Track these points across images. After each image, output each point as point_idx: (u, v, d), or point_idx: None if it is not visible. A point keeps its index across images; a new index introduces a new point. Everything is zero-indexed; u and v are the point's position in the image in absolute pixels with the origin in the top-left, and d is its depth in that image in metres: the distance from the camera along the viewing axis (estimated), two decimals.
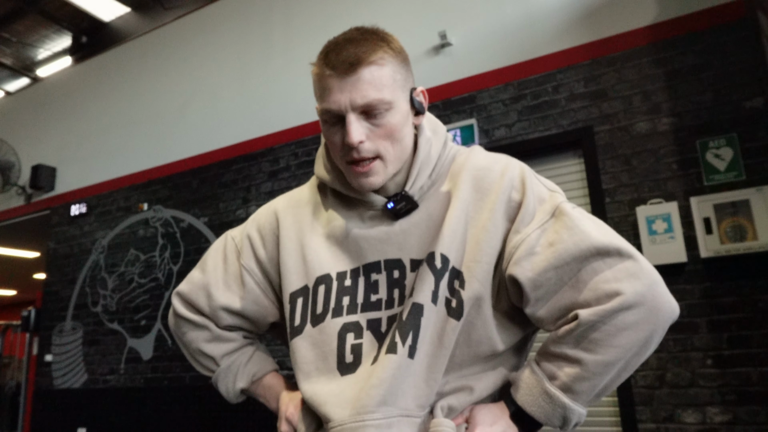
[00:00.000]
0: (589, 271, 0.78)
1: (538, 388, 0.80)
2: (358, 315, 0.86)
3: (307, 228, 0.95)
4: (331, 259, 0.90)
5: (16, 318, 6.06)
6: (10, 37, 6.18)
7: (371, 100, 0.81)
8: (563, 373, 0.79)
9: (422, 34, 3.66)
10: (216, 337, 0.98)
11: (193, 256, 4.37)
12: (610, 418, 2.76)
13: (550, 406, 0.79)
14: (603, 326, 0.75)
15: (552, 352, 0.80)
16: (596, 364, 0.77)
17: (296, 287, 0.91)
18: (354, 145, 0.81)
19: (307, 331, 0.87)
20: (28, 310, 5.41)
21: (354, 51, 0.82)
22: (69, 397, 4.82)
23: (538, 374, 0.81)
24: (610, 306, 0.75)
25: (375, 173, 0.85)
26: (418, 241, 0.87)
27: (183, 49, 5.07)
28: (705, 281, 2.60)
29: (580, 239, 0.78)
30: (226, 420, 3.86)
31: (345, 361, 0.84)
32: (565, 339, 0.78)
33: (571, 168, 3.13)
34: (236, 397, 1.00)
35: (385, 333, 0.85)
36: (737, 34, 2.75)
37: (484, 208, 0.85)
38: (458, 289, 0.82)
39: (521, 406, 0.81)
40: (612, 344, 0.76)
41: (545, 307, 0.80)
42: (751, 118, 2.64)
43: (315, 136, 4.02)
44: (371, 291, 0.87)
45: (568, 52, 3.18)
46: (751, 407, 2.42)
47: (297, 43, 4.34)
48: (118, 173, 5.10)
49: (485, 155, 0.93)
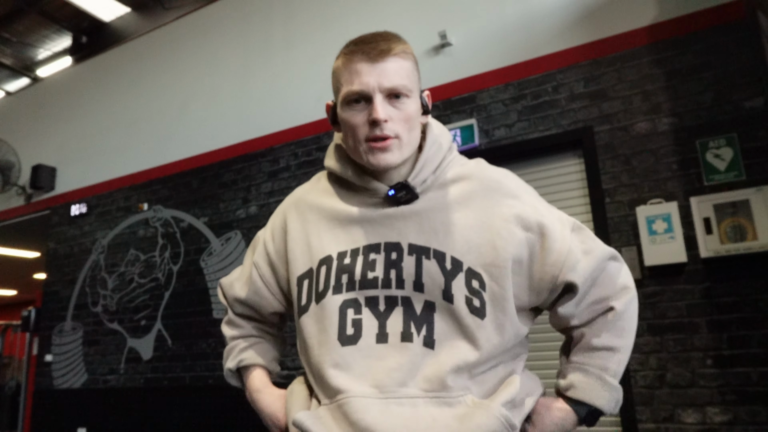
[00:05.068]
0: (608, 271, 0.95)
1: (599, 383, 0.92)
2: (356, 292, 0.91)
3: (311, 216, 1.01)
4: (333, 240, 0.96)
5: (16, 318, 6.06)
6: (10, 37, 6.18)
7: (397, 85, 0.90)
8: (611, 362, 0.93)
9: (422, 34, 3.66)
10: (229, 321, 1.12)
11: (193, 256, 4.37)
12: (610, 418, 2.76)
13: (611, 394, 0.92)
14: (625, 314, 0.94)
15: (596, 346, 0.93)
16: (628, 348, 0.94)
17: (302, 271, 0.97)
18: (380, 121, 0.89)
19: (312, 308, 0.93)
20: (28, 310, 5.41)
21: (383, 42, 0.92)
22: (69, 397, 4.82)
23: (593, 371, 0.93)
24: (627, 297, 0.95)
25: (392, 150, 0.91)
26: (417, 228, 0.92)
27: (183, 49, 5.07)
28: (705, 281, 2.60)
29: (601, 247, 0.96)
30: (226, 420, 3.86)
31: (346, 333, 0.89)
32: (604, 331, 0.93)
33: (571, 168, 3.13)
34: (228, 376, 1.09)
35: (383, 312, 0.89)
36: (737, 34, 2.75)
37: (498, 215, 0.93)
38: (479, 290, 0.88)
39: (589, 402, 0.92)
40: (632, 328, 0.95)
41: (582, 303, 0.94)
42: (751, 118, 2.64)
43: (315, 136, 4.02)
44: (368, 268, 0.91)
45: (568, 52, 3.19)
46: (751, 407, 2.42)
47: (297, 43, 4.34)
48: (118, 173, 5.10)
49: (494, 168, 1.02)
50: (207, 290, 4.22)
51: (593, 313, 0.94)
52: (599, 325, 0.94)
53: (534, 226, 0.93)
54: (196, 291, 4.27)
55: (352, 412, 0.83)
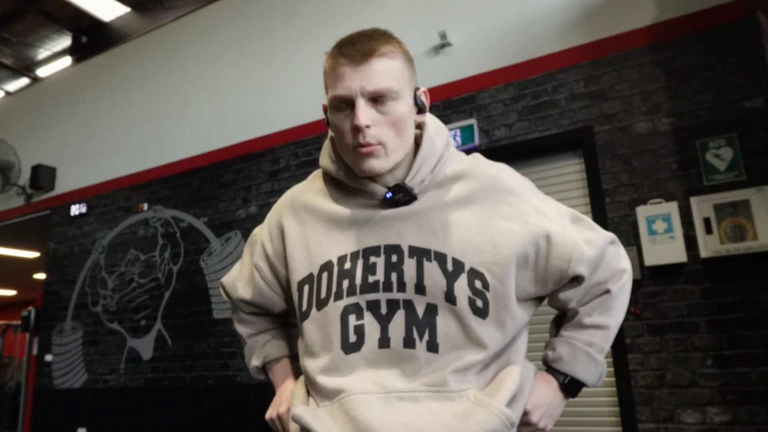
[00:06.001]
0: (607, 256, 0.99)
1: (584, 357, 0.97)
2: (357, 297, 0.90)
3: (308, 219, 1.00)
4: (332, 244, 0.95)
5: (16, 318, 6.05)
6: (10, 37, 6.17)
7: (380, 88, 0.87)
8: (597, 338, 0.97)
9: (422, 34, 3.66)
10: (241, 320, 1.13)
11: (193, 256, 4.37)
12: (610, 418, 2.76)
13: (595, 368, 0.97)
14: (619, 295, 0.99)
15: (585, 323, 0.98)
16: (617, 324, 0.99)
17: (302, 276, 0.96)
18: (361, 127, 0.87)
19: (313, 315, 0.93)
20: (28, 310, 5.41)
21: (368, 43, 0.89)
22: (69, 397, 4.82)
23: (579, 345, 0.97)
24: (623, 280, 0.99)
25: (377, 156, 0.90)
26: (416, 229, 0.92)
27: (183, 49, 5.07)
28: (705, 281, 2.60)
29: (600, 235, 0.99)
30: (226, 420, 3.86)
31: (349, 341, 0.88)
32: (596, 311, 0.98)
33: (571, 168, 3.13)
34: (255, 373, 1.13)
35: (386, 316, 0.89)
36: (737, 34, 2.75)
37: (497, 214, 0.93)
38: (482, 290, 0.88)
39: (574, 375, 0.97)
40: (623, 307, 1.00)
41: (582, 289, 0.97)
42: (751, 118, 2.64)
43: (315, 136, 4.02)
44: (369, 272, 0.90)
45: (568, 52, 3.18)
46: (752, 407, 2.42)
47: (297, 43, 4.34)
48: (118, 173, 5.10)
49: (489, 163, 1.00)
50: (207, 290, 4.22)
51: (590, 296, 0.99)
52: (593, 306, 0.98)
53: (535, 221, 0.93)
54: (196, 291, 4.27)
55: (353, 408, 0.83)
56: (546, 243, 0.93)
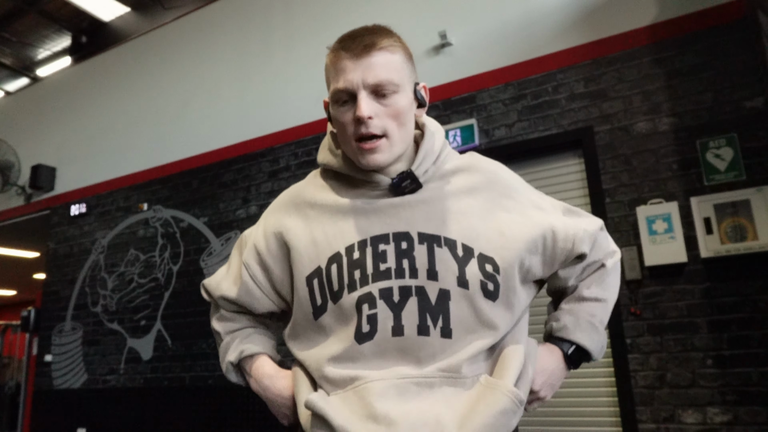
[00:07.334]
0: (599, 239, 1.04)
1: (588, 325, 1.00)
2: (369, 286, 0.89)
3: (312, 213, 0.99)
4: (338, 235, 0.94)
5: (16, 318, 6.06)
6: (10, 37, 6.18)
7: (382, 80, 0.89)
8: (598, 310, 1.02)
9: (422, 34, 3.66)
10: (221, 317, 1.09)
11: (193, 256, 4.37)
12: (610, 418, 2.76)
13: (598, 337, 1.01)
14: (613, 272, 1.05)
15: (586, 296, 1.02)
16: (612, 300, 1.05)
17: (310, 270, 0.94)
18: (364, 118, 0.88)
19: (330, 307, 0.92)
20: (28, 310, 5.40)
21: (369, 37, 0.91)
22: (69, 397, 4.81)
23: (583, 314, 1.01)
24: (614, 259, 1.05)
25: (381, 151, 0.91)
26: (425, 216, 0.93)
27: (183, 49, 5.07)
28: (705, 281, 2.60)
29: (592, 222, 1.05)
30: (225, 420, 3.86)
31: (362, 330, 0.88)
32: (593, 284, 1.03)
33: (571, 168, 3.13)
34: (228, 371, 1.05)
35: (398, 304, 0.88)
36: (737, 34, 2.75)
37: (500, 206, 0.97)
38: (493, 273, 0.91)
39: (579, 342, 0.99)
40: (617, 284, 1.06)
41: (580, 267, 1.02)
42: (751, 118, 2.64)
43: (315, 136, 4.01)
44: (380, 260, 0.90)
45: (568, 52, 3.18)
46: (752, 407, 2.42)
47: (297, 43, 4.33)
48: (118, 173, 5.10)
49: (487, 159, 1.05)
50: None
51: (587, 273, 1.04)
52: (591, 280, 1.03)
53: (537, 215, 0.98)
54: (196, 291, 4.27)
55: (368, 395, 0.83)
56: (552, 234, 0.97)
